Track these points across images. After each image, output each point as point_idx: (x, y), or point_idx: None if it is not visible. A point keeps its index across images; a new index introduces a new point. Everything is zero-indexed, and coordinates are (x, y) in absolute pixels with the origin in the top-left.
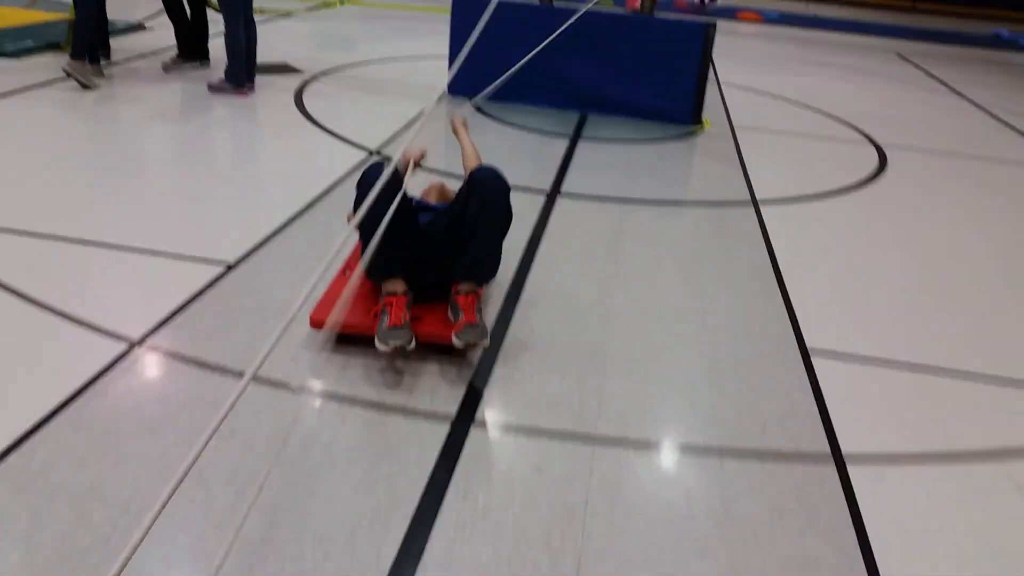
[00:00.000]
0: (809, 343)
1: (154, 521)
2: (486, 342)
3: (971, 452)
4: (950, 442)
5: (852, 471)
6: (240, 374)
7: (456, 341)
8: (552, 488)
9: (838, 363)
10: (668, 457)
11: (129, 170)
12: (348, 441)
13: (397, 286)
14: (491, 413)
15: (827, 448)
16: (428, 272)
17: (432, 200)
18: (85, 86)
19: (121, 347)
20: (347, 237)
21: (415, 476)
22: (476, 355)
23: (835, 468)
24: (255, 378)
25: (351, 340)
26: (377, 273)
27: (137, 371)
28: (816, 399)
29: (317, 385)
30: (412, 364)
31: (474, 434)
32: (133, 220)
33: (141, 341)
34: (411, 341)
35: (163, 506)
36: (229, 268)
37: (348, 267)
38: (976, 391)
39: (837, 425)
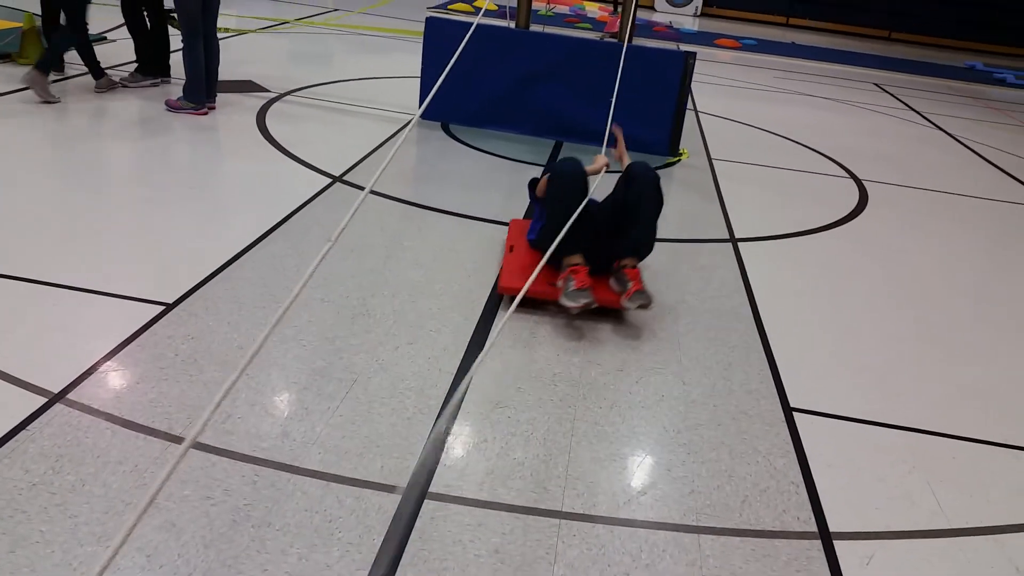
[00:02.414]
0: (792, 400)
1: None
2: (653, 305)
3: (967, 528)
4: (945, 516)
5: (840, 550)
6: (167, 435)
7: (628, 303)
8: None
9: (823, 423)
10: (640, 535)
11: (68, 194)
12: (283, 519)
13: (577, 259)
14: (447, 484)
15: (813, 524)
16: (595, 250)
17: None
18: (48, 102)
19: (38, 402)
20: (313, 271)
21: (355, 564)
22: (431, 416)
23: (822, 547)
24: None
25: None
26: (564, 249)
27: (52, 433)
28: (801, 466)
29: (252, 449)
30: (361, 419)
31: (426, 509)
32: (66, 252)
33: (61, 395)
34: (594, 302)
35: None
36: (168, 308)
37: (513, 245)
38: (971, 457)
39: (823, 497)
